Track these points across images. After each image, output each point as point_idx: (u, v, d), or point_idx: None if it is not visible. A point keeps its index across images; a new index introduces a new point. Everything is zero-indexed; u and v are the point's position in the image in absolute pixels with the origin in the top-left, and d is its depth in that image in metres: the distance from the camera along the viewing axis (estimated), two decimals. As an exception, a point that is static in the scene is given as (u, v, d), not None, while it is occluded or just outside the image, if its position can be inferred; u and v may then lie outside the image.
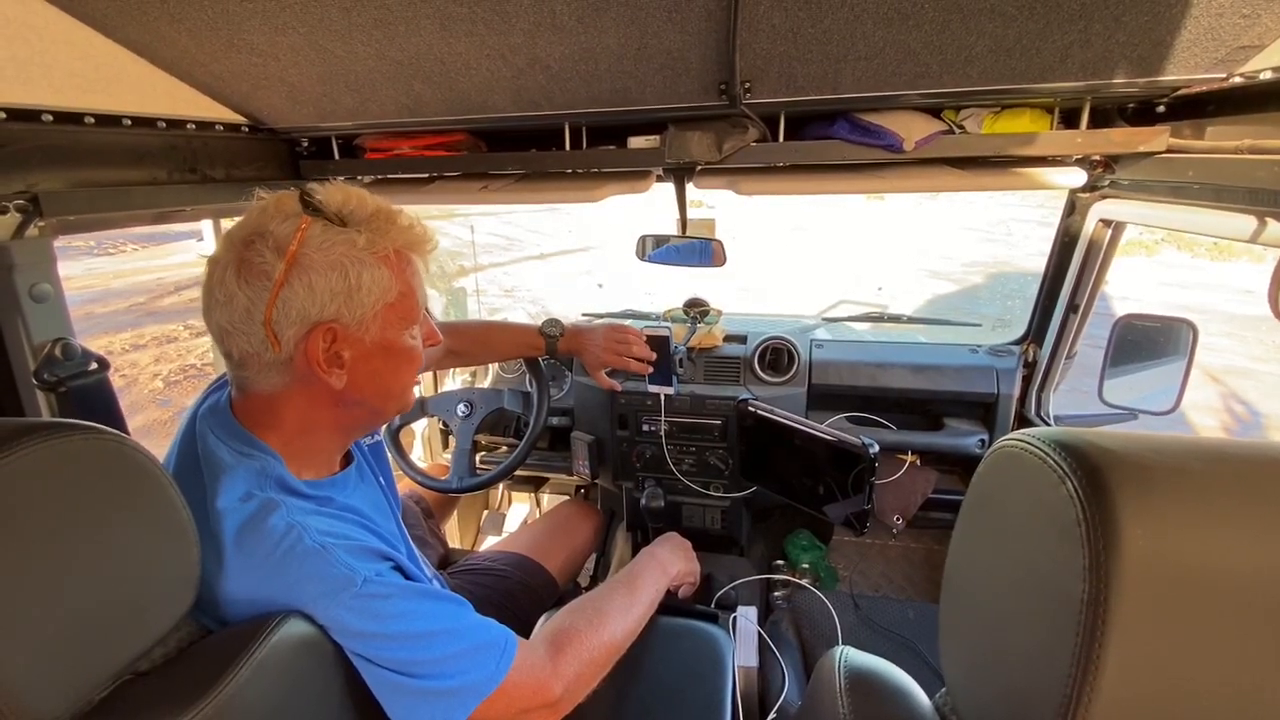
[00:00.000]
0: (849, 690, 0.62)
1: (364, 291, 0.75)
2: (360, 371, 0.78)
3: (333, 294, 0.73)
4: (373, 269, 0.75)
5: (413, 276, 0.81)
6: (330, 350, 0.75)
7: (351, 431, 0.87)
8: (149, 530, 0.60)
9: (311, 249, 0.72)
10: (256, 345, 0.73)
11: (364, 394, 0.81)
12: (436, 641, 0.72)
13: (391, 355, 0.81)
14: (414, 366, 0.85)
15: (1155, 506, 0.37)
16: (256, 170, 1.26)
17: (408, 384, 0.86)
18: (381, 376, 0.81)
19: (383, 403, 0.85)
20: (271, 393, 0.77)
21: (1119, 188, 1.19)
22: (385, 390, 0.83)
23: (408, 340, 0.82)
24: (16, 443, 0.51)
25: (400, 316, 0.80)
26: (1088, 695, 0.37)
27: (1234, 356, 6.03)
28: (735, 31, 0.82)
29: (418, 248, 0.81)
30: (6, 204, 0.84)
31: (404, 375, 0.85)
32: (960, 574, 0.53)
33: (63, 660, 0.53)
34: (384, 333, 0.78)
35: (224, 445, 0.76)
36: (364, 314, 0.76)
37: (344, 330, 0.75)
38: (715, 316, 1.74)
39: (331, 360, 0.76)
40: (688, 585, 1.23)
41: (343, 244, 0.73)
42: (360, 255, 0.74)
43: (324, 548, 0.69)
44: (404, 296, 0.79)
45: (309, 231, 0.72)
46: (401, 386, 0.86)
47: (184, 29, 0.84)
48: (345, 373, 0.77)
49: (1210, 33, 0.76)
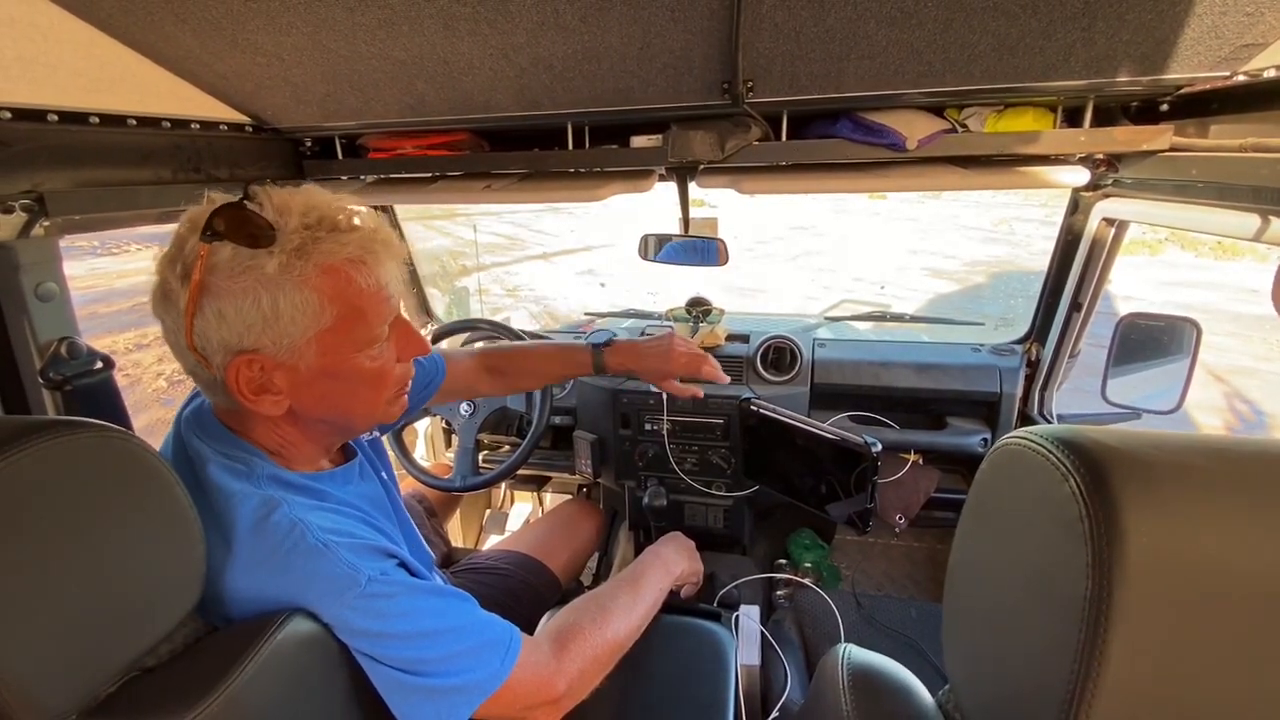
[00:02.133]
0: (852, 687, 0.62)
1: (284, 320, 0.68)
2: (305, 396, 0.73)
3: (247, 324, 0.67)
4: (291, 294, 0.67)
5: (355, 293, 0.71)
6: (259, 379, 0.71)
7: (328, 440, 0.84)
8: (155, 528, 0.61)
9: (219, 276, 0.66)
10: (191, 365, 0.71)
11: (319, 415, 0.77)
12: (441, 639, 0.72)
13: (341, 379, 0.74)
14: (379, 386, 0.78)
15: (1158, 503, 0.37)
16: (260, 170, 1.27)
17: (375, 403, 0.79)
18: (334, 399, 0.76)
19: (346, 421, 0.81)
20: (229, 407, 0.76)
21: (1122, 186, 1.19)
22: (344, 411, 0.78)
23: (364, 362, 0.75)
24: (25, 441, 0.51)
25: (344, 340, 0.72)
26: (1091, 692, 0.37)
27: (1238, 356, 6.01)
28: (738, 30, 0.82)
29: (365, 257, 0.72)
30: (12, 203, 0.85)
31: (365, 396, 0.78)
32: (963, 572, 0.54)
33: (70, 656, 0.53)
34: (323, 359, 0.72)
35: (211, 449, 0.75)
36: (292, 342, 0.69)
37: (271, 359, 0.70)
38: (718, 316, 1.74)
39: (260, 389, 0.71)
40: (691, 585, 1.23)
41: (251, 270, 0.66)
42: (275, 280, 0.67)
43: (327, 546, 0.69)
44: (344, 319, 0.71)
45: (214, 257, 0.66)
46: (366, 407, 0.79)
47: (188, 29, 0.84)
48: (284, 399, 0.72)
49: (1213, 31, 0.76)
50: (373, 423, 0.83)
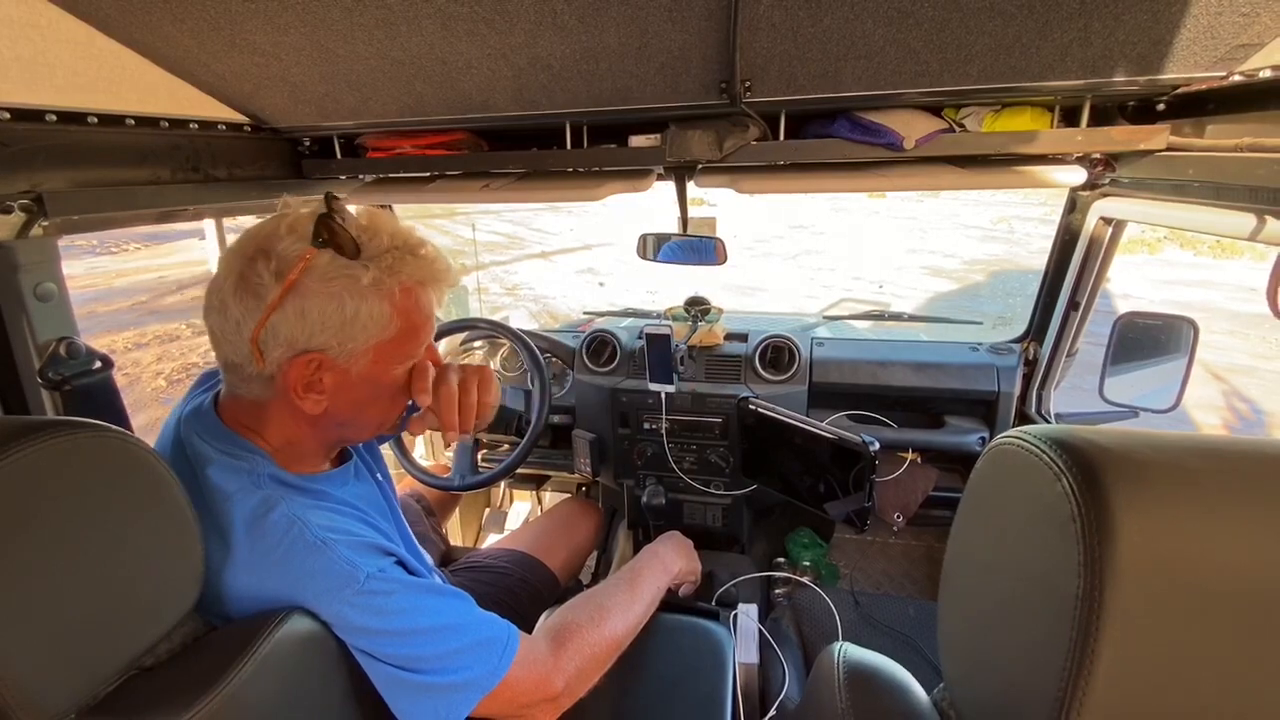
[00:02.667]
0: (848, 685, 0.62)
1: (358, 326, 0.73)
2: (341, 399, 0.77)
3: (324, 325, 0.71)
4: (373, 304, 0.73)
5: (417, 313, 0.78)
6: (311, 378, 0.74)
7: (334, 444, 0.86)
8: (154, 527, 0.61)
9: (312, 278, 0.70)
10: (242, 358, 0.73)
11: (342, 419, 0.80)
12: (439, 637, 0.72)
13: (377, 387, 0.79)
14: (400, 399, 0.83)
15: (1150, 502, 0.37)
16: (259, 170, 1.27)
17: (389, 414, 0.84)
18: (363, 407, 0.80)
19: (359, 431, 0.84)
20: (255, 400, 0.77)
21: (1119, 186, 1.19)
22: (364, 420, 0.82)
23: (400, 375, 0.80)
24: (24, 440, 0.51)
25: (396, 352, 0.78)
26: (1082, 689, 0.38)
27: (1236, 354, 6.02)
28: (736, 30, 0.82)
29: (432, 283, 0.79)
30: (11, 204, 0.85)
31: (386, 406, 0.82)
32: (958, 570, 0.54)
33: (69, 656, 0.54)
34: (373, 367, 0.76)
35: (211, 447, 0.75)
36: (355, 347, 0.74)
37: (330, 360, 0.73)
38: (716, 314, 1.74)
39: (310, 386, 0.74)
40: (689, 584, 1.24)
41: (346, 278, 0.71)
42: (362, 290, 0.72)
43: (325, 543, 0.70)
44: (403, 333, 0.77)
45: (314, 261, 0.70)
46: (382, 418, 0.83)
47: (186, 29, 0.84)
48: (324, 399, 0.75)
49: (1210, 31, 0.77)
50: (379, 431, 0.86)
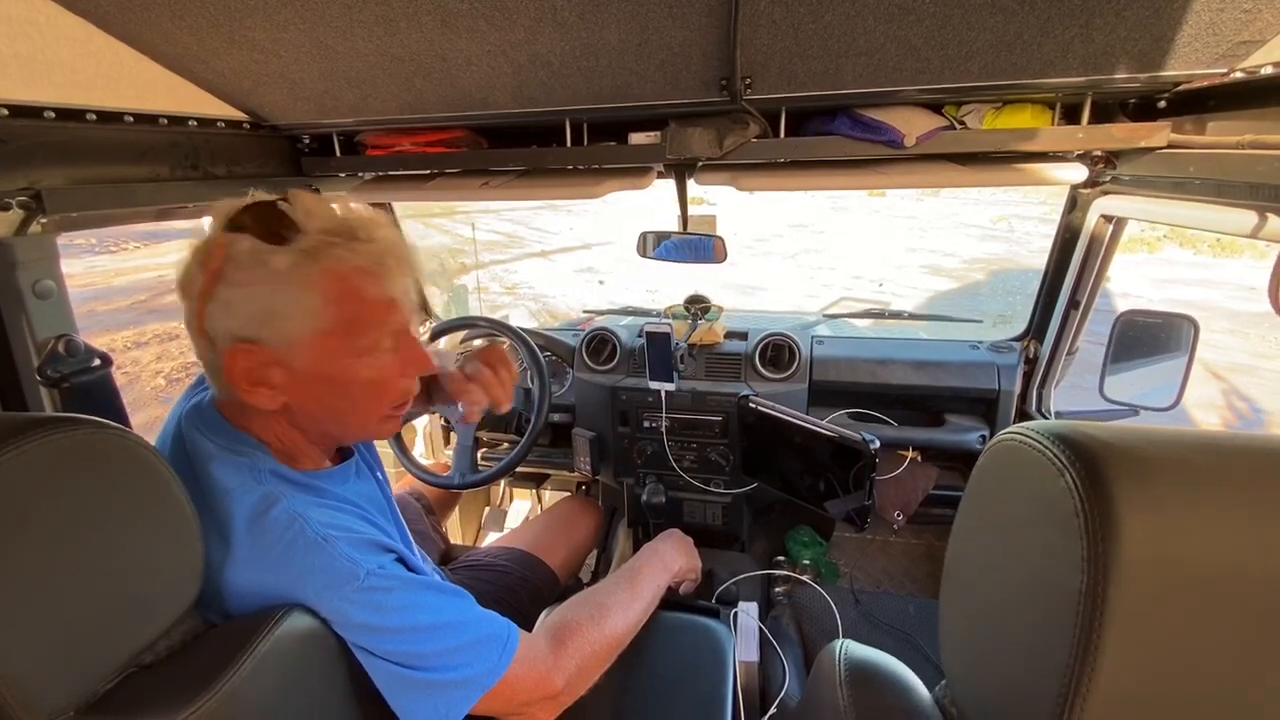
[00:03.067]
0: (849, 682, 0.62)
1: (282, 318, 0.70)
2: (303, 396, 0.75)
3: (251, 315, 0.70)
4: (296, 293, 0.69)
5: (360, 302, 0.72)
6: (257, 371, 0.72)
7: (325, 442, 0.83)
8: (153, 524, 0.61)
9: (233, 267, 0.69)
10: (202, 350, 0.74)
11: (314, 418, 0.78)
12: (439, 634, 0.72)
13: (338, 385, 0.75)
14: (378, 397, 0.78)
15: (1153, 498, 0.37)
16: (258, 167, 1.26)
17: (371, 413, 0.80)
18: (331, 403, 0.76)
19: (340, 429, 0.81)
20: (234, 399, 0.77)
21: (1120, 183, 1.19)
22: (340, 419, 0.79)
23: (361, 370, 0.75)
24: (23, 437, 0.51)
25: (343, 345, 0.73)
26: (1085, 685, 0.38)
27: (1236, 353, 6.02)
28: (736, 27, 0.82)
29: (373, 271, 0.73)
30: (9, 200, 0.85)
31: (363, 405, 0.78)
32: (960, 566, 0.54)
33: (68, 653, 0.54)
34: (322, 363, 0.73)
35: (212, 443, 0.75)
36: (291, 340, 0.71)
37: (268, 353, 0.71)
38: (716, 313, 1.74)
39: (256, 381, 0.72)
40: (689, 582, 1.24)
41: (262, 265, 0.69)
42: (280, 276, 0.69)
43: (326, 540, 0.70)
44: (344, 325, 0.72)
45: (234, 248, 0.69)
46: (362, 417, 0.79)
47: (185, 25, 0.84)
48: (279, 394, 0.74)
49: (1211, 28, 0.76)
50: (365, 435, 0.83)
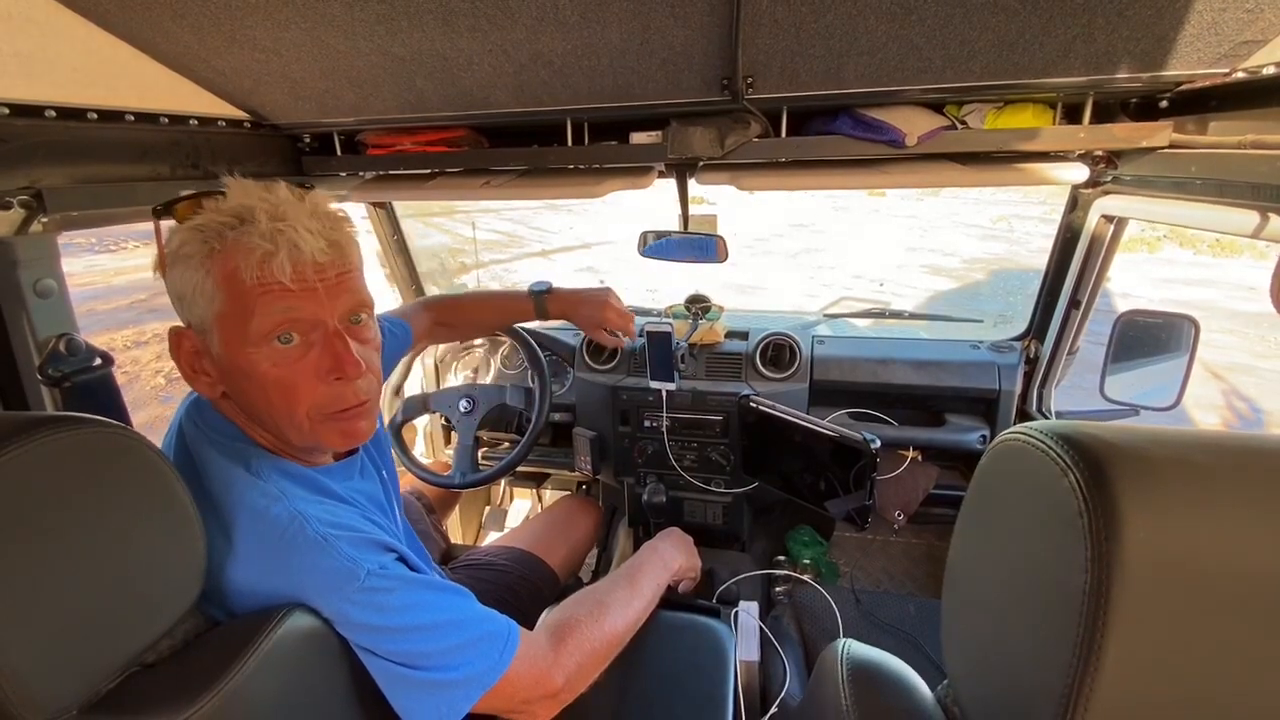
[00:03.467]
0: (851, 681, 0.62)
1: (189, 300, 0.72)
2: (232, 388, 0.76)
3: (175, 296, 0.73)
4: (194, 273, 0.71)
5: (240, 284, 0.69)
6: (191, 357, 0.75)
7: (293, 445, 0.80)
8: (155, 523, 0.61)
9: (170, 248, 0.72)
10: None
11: (252, 412, 0.77)
12: (440, 633, 0.72)
13: (247, 377, 0.73)
14: (288, 398, 0.73)
15: (1157, 498, 0.37)
16: (259, 166, 1.26)
17: (290, 415, 0.74)
18: (251, 397, 0.75)
19: (274, 427, 0.77)
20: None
21: (1121, 183, 1.19)
22: (264, 414, 0.75)
23: (261, 363, 0.72)
24: (24, 436, 0.51)
25: (236, 330, 0.71)
26: (1089, 686, 0.38)
27: (1236, 353, 6.02)
28: (738, 26, 0.82)
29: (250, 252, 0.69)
30: (10, 199, 0.84)
31: (277, 405, 0.74)
32: (962, 566, 0.54)
33: (71, 652, 0.54)
34: (227, 349, 0.72)
35: (210, 441, 0.76)
36: (203, 324, 0.73)
37: (196, 339, 0.74)
38: (717, 313, 1.74)
39: (195, 367, 0.76)
40: (688, 580, 1.24)
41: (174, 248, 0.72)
42: (186, 257, 0.71)
43: (326, 539, 0.70)
44: (231, 311, 0.71)
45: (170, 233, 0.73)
46: (283, 417, 0.75)
47: (186, 24, 0.84)
48: (215, 383, 0.76)
49: (1213, 28, 0.76)
50: (305, 439, 0.77)
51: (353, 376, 0.75)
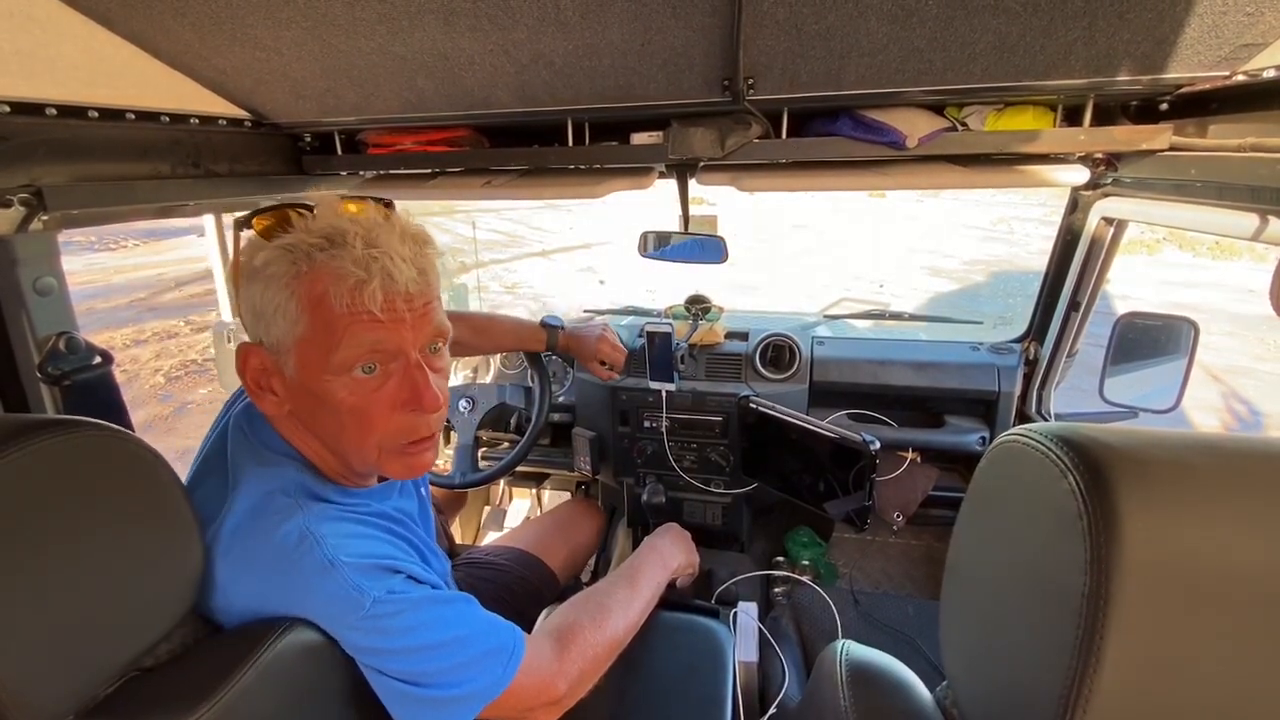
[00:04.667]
0: (850, 682, 0.62)
1: (268, 319, 0.69)
2: (300, 410, 0.74)
3: (250, 312, 0.71)
4: (274, 294, 0.68)
5: (329, 310, 0.68)
6: (259, 374, 0.73)
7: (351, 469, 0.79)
8: (153, 527, 0.61)
9: (248, 263, 0.71)
10: None
11: (316, 433, 0.76)
12: (446, 651, 0.71)
13: (322, 401, 0.71)
14: (363, 427, 0.72)
15: (1156, 500, 0.37)
16: (260, 165, 1.26)
17: (362, 445, 0.74)
18: (322, 422, 0.73)
19: (340, 452, 0.76)
20: None
21: (1121, 185, 1.19)
22: (333, 439, 0.75)
23: (338, 390, 0.70)
24: (23, 439, 0.51)
25: (318, 356, 0.69)
26: (1088, 687, 0.38)
27: (1235, 356, 6.02)
28: (739, 27, 0.82)
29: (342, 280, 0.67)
30: (10, 198, 0.84)
31: (351, 433, 0.73)
32: (962, 567, 0.54)
33: (67, 656, 0.53)
34: (304, 374, 0.70)
35: (251, 449, 0.75)
36: (280, 344, 0.70)
37: (269, 357, 0.72)
38: (717, 313, 1.74)
39: (261, 385, 0.73)
40: (687, 576, 1.24)
41: (255, 266, 0.69)
42: (266, 278, 0.68)
43: (334, 564, 0.67)
44: (315, 332, 0.68)
45: (249, 245, 0.71)
46: (354, 445, 0.74)
47: (187, 23, 0.84)
48: (282, 402, 0.74)
49: (1213, 31, 0.76)
50: (369, 467, 0.77)
51: (430, 410, 0.74)
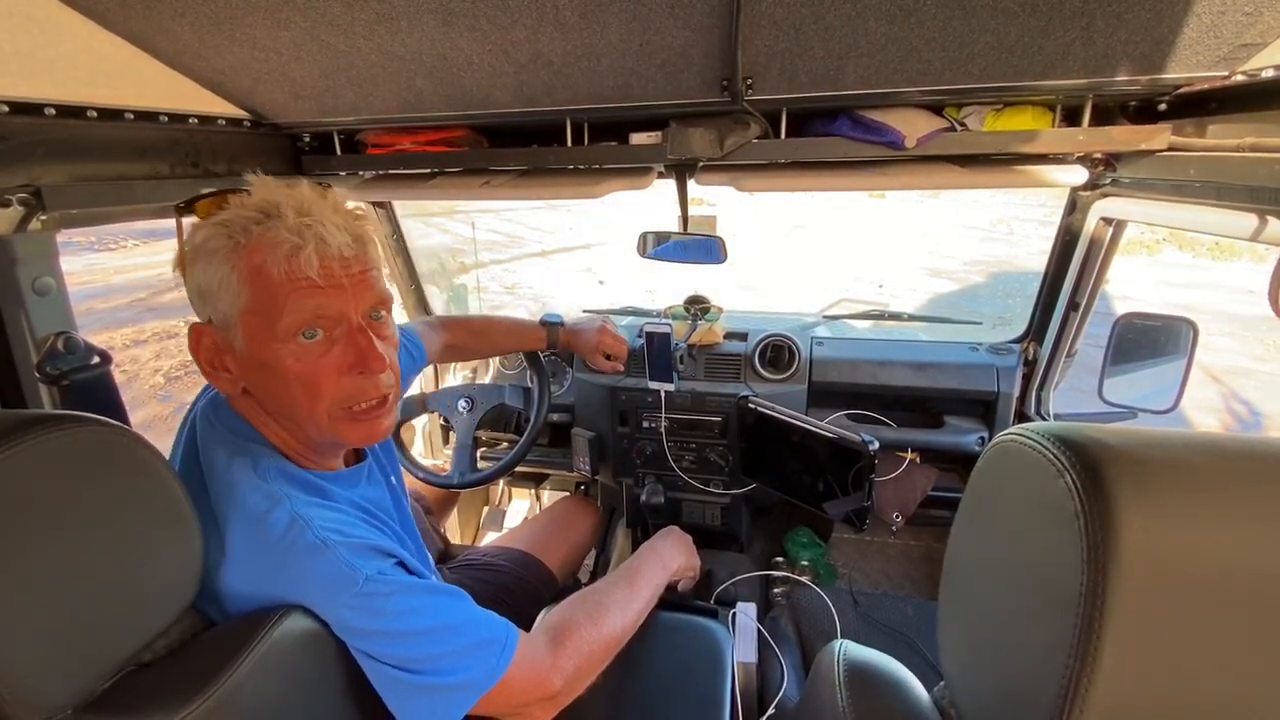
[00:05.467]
0: (848, 683, 0.62)
1: (214, 295, 0.71)
2: (253, 384, 0.76)
3: (194, 293, 0.73)
4: (219, 268, 0.70)
5: (270, 280, 0.70)
6: (211, 354, 0.75)
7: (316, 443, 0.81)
8: (152, 523, 0.61)
9: (193, 244, 0.72)
10: None
11: (273, 409, 0.77)
12: (438, 638, 0.72)
13: (272, 372, 0.73)
14: (312, 393, 0.74)
15: (1153, 500, 0.37)
16: (259, 165, 1.26)
17: (313, 411, 0.75)
18: (273, 392, 0.75)
19: (301, 426, 0.78)
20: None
21: (1120, 186, 1.19)
22: (286, 410, 0.76)
23: (284, 358, 0.72)
24: (21, 435, 0.51)
25: (263, 325, 0.71)
26: (1085, 686, 0.38)
27: (1235, 356, 6.02)
28: (738, 27, 0.82)
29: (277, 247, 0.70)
30: (9, 197, 0.84)
31: (301, 400, 0.74)
32: (959, 567, 0.54)
33: (66, 651, 0.53)
34: (252, 345, 0.72)
35: (221, 439, 0.76)
36: (227, 320, 0.72)
37: (219, 335, 0.74)
38: (716, 313, 1.74)
39: (215, 364, 0.75)
40: (688, 579, 1.24)
41: (198, 243, 0.72)
42: (207, 254, 0.71)
43: (326, 544, 0.69)
44: (260, 303, 0.71)
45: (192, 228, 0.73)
46: (305, 412, 0.75)
47: (186, 23, 0.84)
48: (236, 379, 0.75)
49: (1212, 30, 0.76)
50: (325, 435, 0.78)
51: (376, 370, 0.76)
